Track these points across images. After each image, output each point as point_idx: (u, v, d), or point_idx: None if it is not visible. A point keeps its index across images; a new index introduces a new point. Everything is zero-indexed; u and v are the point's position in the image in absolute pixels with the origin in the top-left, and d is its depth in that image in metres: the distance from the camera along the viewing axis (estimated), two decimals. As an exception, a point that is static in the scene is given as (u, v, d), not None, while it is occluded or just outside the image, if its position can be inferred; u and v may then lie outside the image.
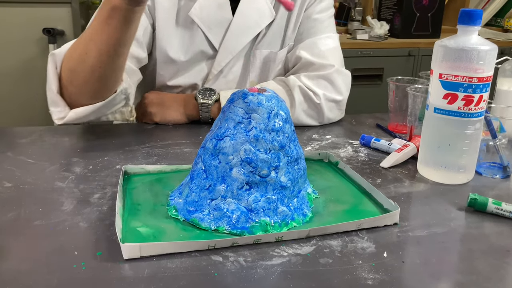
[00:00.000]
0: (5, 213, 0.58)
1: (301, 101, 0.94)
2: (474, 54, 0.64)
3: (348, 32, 2.47)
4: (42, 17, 2.26)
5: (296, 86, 0.94)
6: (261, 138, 0.55)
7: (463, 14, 0.65)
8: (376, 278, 0.47)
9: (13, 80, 2.33)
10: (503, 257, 0.52)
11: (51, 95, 0.81)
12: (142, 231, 0.54)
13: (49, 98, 0.81)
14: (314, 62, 0.97)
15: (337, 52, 1.01)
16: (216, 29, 0.97)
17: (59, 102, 0.81)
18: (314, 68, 0.97)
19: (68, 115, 0.82)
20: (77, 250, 0.50)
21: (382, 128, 0.96)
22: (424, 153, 0.72)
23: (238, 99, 0.58)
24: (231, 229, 0.54)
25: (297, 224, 0.57)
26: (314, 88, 0.95)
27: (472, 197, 0.61)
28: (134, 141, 0.85)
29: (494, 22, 2.69)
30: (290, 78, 0.96)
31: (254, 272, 0.48)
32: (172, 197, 0.61)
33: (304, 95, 0.94)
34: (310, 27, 1.01)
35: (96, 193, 0.64)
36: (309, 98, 0.94)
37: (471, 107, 0.66)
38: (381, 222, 0.57)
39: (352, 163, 0.77)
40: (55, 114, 0.82)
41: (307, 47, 0.99)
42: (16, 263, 0.48)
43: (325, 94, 0.95)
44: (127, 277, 0.46)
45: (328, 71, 0.96)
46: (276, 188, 0.56)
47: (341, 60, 1.02)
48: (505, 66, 0.91)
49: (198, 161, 0.59)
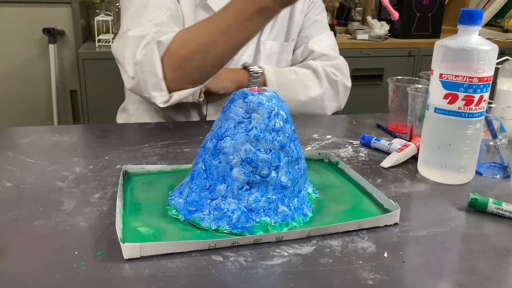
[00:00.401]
0: (5, 213, 0.58)
1: (325, 79, 1.07)
2: (475, 54, 0.64)
3: (348, 32, 2.47)
4: (42, 17, 2.26)
5: (319, 65, 1.07)
6: (262, 138, 0.55)
7: (463, 14, 0.65)
8: (376, 278, 0.47)
9: (13, 79, 2.33)
10: (504, 257, 0.52)
11: (156, 80, 0.83)
12: (142, 231, 0.54)
13: (152, 83, 0.83)
14: (327, 53, 1.10)
15: (336, 46, 1.16)
16: None
17: (163, 87, 0.84)
18: (327, 58, 1.10)
19: (173, 98, 0.85)
20: (77, 250, 0.50)
21: (382, 128, 0.96)
22: (425, 153, 0.72)
23: (239, 99, 0.58)
24: (232, 229, 0.54)
25: (297, 224, 0.57)
26: (331, 69, 1.08)
27: (472, 197, 0.61)
28: (135, 140, 0.85)
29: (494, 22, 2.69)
30: (310, 61, 1.08)
31: (255, 272, 0.48)
32: (173, 197, 0.61)
33: (326, 73, 1.07)
34: (313, 27, 1.13)
35: (97, 193, 0.64)
36: (330, 76, 1.07)
37: (471, 107, 0.66)
38: (382, 222, 0.57)
39: (353, 163, 0.77)
40: (158, 98, 0.85)
41: (317, 42, 1.12)
42: (16, 263, 0.48)
43: (339, 75, 1.09)
44: (128, 277, 0.46)
45: (338, 62, 1.11)
46: (277, 188, 0.56)
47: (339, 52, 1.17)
48: (506, 66, 0.91)
49: (198, 161, 0.59)
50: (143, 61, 0.83)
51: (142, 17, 0.88)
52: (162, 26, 0.87)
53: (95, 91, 2.06)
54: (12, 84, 2.33)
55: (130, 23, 0.89)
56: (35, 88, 2.37)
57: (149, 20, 0.88)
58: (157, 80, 0.83)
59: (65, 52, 2.34)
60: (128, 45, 0.86)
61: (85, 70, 2.03)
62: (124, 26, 0.91)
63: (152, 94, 0.85)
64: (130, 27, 0.88)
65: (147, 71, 0.83)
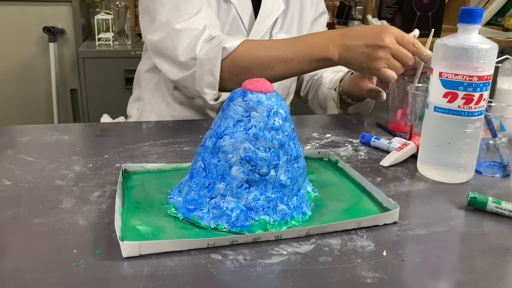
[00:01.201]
0: (4, 211, 0.58)
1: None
2: (475, 52, 0.64)
3: (349, 31, 2.46)
4: (42, 16, 2.26)
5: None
6: (261, 136, 0.55)
7: (463, 13, 0.64)
8: (375, 277, 0.47)
9: (13, 78, 2.33)
10: (503, 256, 0.52)
11: (213, 80, 0.89)
12: (141, 229, 0.54)
13: (208, 81, 0.89)
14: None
15: None
16: (246, 9, 1.04)
17: (217, 86, 0.90)
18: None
19: (221, 97, 0.92)
20: (76, 248, 0.50)
21: (382, 127, 0.96)
22: (424, 152, 0.72)
23: (238, 98, 0.58)
24: (231, 227, 0.54)
25: (296, 223, 0.57)
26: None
27: (472, 196, 0.61)
28: (134, 139, 0.85)
29: (495, 21, 2.68)
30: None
31: (254, 271, 0.48)
32: (172, 196, 0.61)
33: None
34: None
35: (96, 192, 0.64)
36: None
37: (471, 106, 0.66)
38: (381, 221, 0.57)
39: (352, 161, 0.77)
40: (209, 96, 0.91)
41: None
42: (15, 261, 0.48)
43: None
44: (126, 275, 0.46)
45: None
46: (276, 186, 0.56)
47: None
48: (506, 65, 0.91)
49: (197, 160, 0.59)
50: (203, 59, 0.87)
51: (180, 8, 0.91)
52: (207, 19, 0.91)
53: (95, 89, 2.06)
54: (12, 83, 2.33)
55: (168, 15, 0.92)
56: (35, 86, 2.37)
57: (188, 12, 0.91)
58: (214, 80, 0.88)
59: (65, 51, 2.34)
60: (180, 38, 0.89)
61: (85, 68, 2.03)
62: (162, 17, 0.92)
63: (204, 91, 0.90)
64: (171, 19, 0.91)
65: (206, 70, 0.88)
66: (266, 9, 1.06)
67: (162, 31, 0.92)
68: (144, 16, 0.99)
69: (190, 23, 0.90)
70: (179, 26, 0.89)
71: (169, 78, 0.95)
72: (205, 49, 0.88)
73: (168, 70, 0.93)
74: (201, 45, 0.88)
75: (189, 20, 0.90)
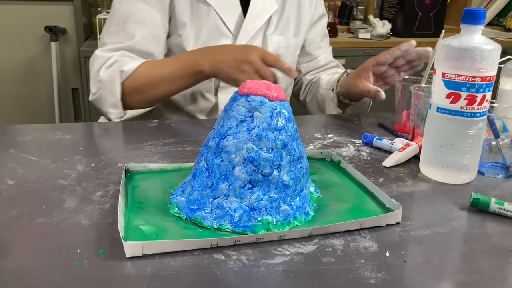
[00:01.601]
0: (7, 211, 0.58)
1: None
2: (477, 53, 0.64)
3: (350, 31, 2.46)
4: (44, 15, 2.26)
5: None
6: (264, 136, 0.55)
7: (466, 13, 0.64)
8: (378, 278, 0.47)
9: (15, 77, 2.33)
10: (506, 257, 0.52)
11: (115, 100, 0.96)
12: (144, 229, 0.54)
13: (111, 101, 0.96)
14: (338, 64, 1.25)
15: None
16: (229, 11, 1.04)
17: (119, 106, 0.96)
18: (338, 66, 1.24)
19: (126, 115, 0.99)
20: (80, 248, 0.50)
21: (384, 127, 0.96)
22: (427, 153, 0.72)
23: (241, 98, 0.58)
24: (234, 227, 0.54)
25: (299, 223, 0.57)
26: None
27: (474, 196, 0.61)
28: (137, 139, 0.85)
29: (497, 22, 2.68)
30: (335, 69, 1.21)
31: (257, 271, 0.48)
32: (175, 195, 0.61)
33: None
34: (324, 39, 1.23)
35: (99, 191, 0.64)
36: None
37: (474, 107, 0.66)
38: (384, 222, 0.57)
39: (354, 162, 0.77)
40: (114, 115, 0.97)
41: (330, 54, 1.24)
42: (18, 260, 0.48)
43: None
44: (130, 275, 0.46)
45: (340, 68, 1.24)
46: (279, 186, 0.56)
47: None
48: (508, 65, 0.91)
49: (200, 160, 0.59)
50: (105, 81, 0.95)
51: (118, 35, 0.99)
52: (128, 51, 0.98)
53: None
54: (14, 82, 2.33)
55: (107, 37, 1.00)
56: (37, 85, 2.37)
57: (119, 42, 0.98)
58: (115, 99, 0.95)
59: (67, 50, 2.34)
60: (94, 63, 0.98)
61: (86, 68, 2.03)
62: (104, 37, 1.01)
63: (109, 110, 0.97)
64: (107, 41, 0.99)
65: (108, 91, 0.95)
66: (255, 9, 1.06)
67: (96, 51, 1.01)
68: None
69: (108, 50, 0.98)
70: (98, 53, 0.98)
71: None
72: (108, 73, 0.95)
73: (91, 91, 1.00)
74: (104, 70, 0.96)
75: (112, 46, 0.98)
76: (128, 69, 0.94)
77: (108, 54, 0.97)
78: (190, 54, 0.96)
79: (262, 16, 1.07)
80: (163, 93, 0.96)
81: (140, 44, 0.98)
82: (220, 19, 1.03)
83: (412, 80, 0.94)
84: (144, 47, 0.99)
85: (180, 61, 0.95)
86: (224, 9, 1.03)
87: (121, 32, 0.99)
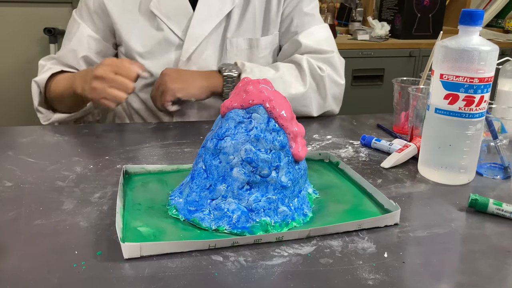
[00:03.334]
0: (5, 213, 0.58)
1: (309, 74, 1.00)
2: (475, 54, 0.64)
3: (349, 33, 2.47)
4: (43, 17, 2.26)
5: (304, 59, 1.00)
6: (262, 138, 0.55)
7: (464, 15, 0.65)
8: (376, 279, 0.47)
9: (14, 79, 2.33)
10: (504, 258, 0.52)
11: (36, 106, 1.03)
12: (142, 231, 0.54)
13: (35, 107, 1.04)
14: (316, 48, 1.03)
15: (332, 40, 1.08)
16: (177, 19, 1.00)
17: (42, 111, 1.03)
18: (316, 52, 1.03)
19: (52, 118, 1.03)
20: (78, 250, 0.50)
21: (383, 128, 0.96)
22: (425, 154, 0.72)
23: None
24: (232, 229, 0.54)
25: (297, 224, 0.57)
26: (318, 63, 1.01)
27: (473, 197, 0.61)
28: (135, 140, 0.85)
29: (495, 23, 2.69)
30: (296, 56, 1.02)
31: (255, 272, 0.48)
32: (173, 197, 0.61)
33: (311, 67, 1.00)
34: (303, 21, 1.05)
35: (97, 193, 0.64)
36: (315, 71, 1.00)
37: (472, 108, 0.66)
38: (382, 223, 0.57)
39: (353, 163, 0.77)
40: (41, 118, 1.04)
41: (307, 36, 1.04)
42: (16, 262, 0.48)
43: (327, 70, 1.01)
44: (128, 276, 0.46)
45: (329, 55, 1.03)
46: (277, 188, 0.56)
47: (336, 47, 1.08)
48: (506, 67, 0.91)
49: (198, 161, 0.59)
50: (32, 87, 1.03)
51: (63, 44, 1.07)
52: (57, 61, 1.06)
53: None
54: (13, 84, 2.33)
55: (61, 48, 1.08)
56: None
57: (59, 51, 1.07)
58: (36, 105, 1.03)
59: (66, 52, 2.34)
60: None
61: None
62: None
63: (37, 114, 1.04)
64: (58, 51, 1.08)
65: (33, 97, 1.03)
66: (203, 11, 1.00)
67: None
68: None
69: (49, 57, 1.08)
70: (41, 62, 1.08)
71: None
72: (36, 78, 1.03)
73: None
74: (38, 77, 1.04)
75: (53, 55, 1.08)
76: (40, 79, 1.02)
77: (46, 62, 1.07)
78: (73, 76, 0.97)
79: (213, 17, 1.00)
80: (68, 106, 1.01)
81: (62, 57, 1.05)
82: (167, 27, 1.00)
83: (411, 82, 0.94)
84: (65, 60, 1.04)
85: (67, 81, 0.98)
86: (171, 16, 0.99)
87: (66, 41, 1.06)
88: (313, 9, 1.07)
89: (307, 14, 1.05)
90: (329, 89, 1.01)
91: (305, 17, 1.05)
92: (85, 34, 1.03)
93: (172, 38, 1.01)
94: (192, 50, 1.01)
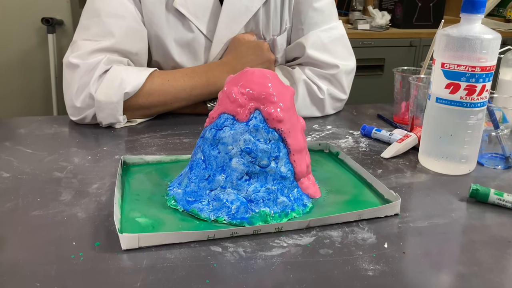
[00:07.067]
0: (3, 203, 0.57)
1: (305, 96, 0.94)
2: (477, 43, 0.63)
3: (349, 22, 2.45)
4: (40, 7, 2.24)
5: (301, 80, 0.94)
6: (261, 128, 0.55)
7: (466, 2, 0.64)
8: (376, 269, 0.47)
9: (12, 69, 2.32)
10: (505, 248, 0.51)
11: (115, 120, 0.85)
12: (140, 222, 0.53)
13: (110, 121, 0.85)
14: (320, 60, 0.95)
15: (342, 43, 0.98)
16: (205, 18, 0.93)
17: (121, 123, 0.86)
18: (320, 66, 0.95)
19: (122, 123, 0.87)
20: (75, 241, 0.50)
21: (383, 118, 0.95)
22: (426, 144, 0.72)
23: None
24: (231, 219, 0.54)
25: (297, 215, 0.56)
26: (318, 82, 0.94)
27: (473, 187, 0.61)
28: (133, 131, 0.85)
29: (496, 12, 2.67)
30: (295, 71, 0.95)
31: (254, 263, 0.47)
32: (171, 188, 0.60)
33: (308, 89, 0.94)
34: (311, 17, 0.96)
35: (95, 184, 0.63)
36: (313, 92, 0.94)
37: (473, 97, 0.65)
38: (382, 213, 0.57)
39: (353, 153, 0.77)
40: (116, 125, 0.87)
41: (311, 42, 0.95)
42: (14, 253, 0.48)
43: (329, 90, 0.95)
44: (126, 267, 0.46)
45: (333, 72, 0.95)
46: (276, 178, 0.56)
47: (348, 50, 1.00)
48: (508, 56, 0.90)
49: (197, 151, 0.59)
50: (103, 102, 0.82)
51: (91, 30, 0.86)
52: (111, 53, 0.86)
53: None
54: (11, 74, 2.32)
55: (80, 34, 0.87)
56: (33, 78, 2.36)
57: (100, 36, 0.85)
58: (116, 120, 0.85)
59: (64, 42, 2.33)
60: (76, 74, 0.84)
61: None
62: (75, 36, 0.88)
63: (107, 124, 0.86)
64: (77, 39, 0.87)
65: (107, 113, 0.84)
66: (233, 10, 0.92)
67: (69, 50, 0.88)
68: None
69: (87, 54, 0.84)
70: (74, 60, 0.83)
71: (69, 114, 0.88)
72: (104, 90, 0.82)
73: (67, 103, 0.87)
74: (95, 83, 0.82)
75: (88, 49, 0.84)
76: (131, 89, 0.83)
77: (89, 60, 0.83)
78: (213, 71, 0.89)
79: (241, 17, 0.93)
80: (179, 106, 0.91)
81: (121, 43, 0.86)
82: (198, 29, 0.93)
83: (411, 71, 0.93)
84: (127, 46, 0.87)
85: (201, 76, 0.88)
86: (199, 18, 0.92)
87: (96, 28, 0.86)
88: (326, 6, 0.96)
89: (316, 10, 0.95)
90: (328, 105, 0.96)
91: (314, 13, 0.95)
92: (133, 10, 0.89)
93: (199, 38, 0.94)
94: (218, 52, 0.94)
